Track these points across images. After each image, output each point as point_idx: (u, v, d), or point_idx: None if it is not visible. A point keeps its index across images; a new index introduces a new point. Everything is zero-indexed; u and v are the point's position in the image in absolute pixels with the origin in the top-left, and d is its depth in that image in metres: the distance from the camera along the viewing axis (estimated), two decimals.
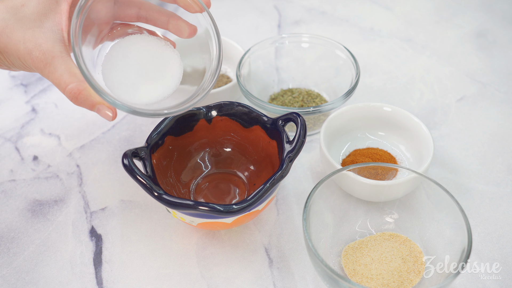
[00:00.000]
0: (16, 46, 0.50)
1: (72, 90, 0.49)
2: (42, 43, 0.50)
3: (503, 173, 0.68)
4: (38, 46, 0.50)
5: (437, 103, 0.78)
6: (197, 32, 0.57)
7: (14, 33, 0.50)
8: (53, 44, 0.50)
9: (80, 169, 0.69)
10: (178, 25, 0.56)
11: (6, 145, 0.72)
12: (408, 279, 0.54)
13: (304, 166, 0.69)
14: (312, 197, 0.54)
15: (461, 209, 0.52)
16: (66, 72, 0.49)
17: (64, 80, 0.49)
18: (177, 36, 0.57)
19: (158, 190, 0.52)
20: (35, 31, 0.50)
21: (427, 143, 0.63)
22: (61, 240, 0.61)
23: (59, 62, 0.50)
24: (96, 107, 0.50)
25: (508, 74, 0.83)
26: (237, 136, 0.64)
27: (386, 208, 0.60)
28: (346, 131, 0.69)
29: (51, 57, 0.50)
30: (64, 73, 0.49)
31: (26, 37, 0.50)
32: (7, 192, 0.66)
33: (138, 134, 0.73)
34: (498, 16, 0.95)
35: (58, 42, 0.50)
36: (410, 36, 0.91)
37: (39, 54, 0.50)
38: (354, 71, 0.71)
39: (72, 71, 0.50)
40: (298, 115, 0.58)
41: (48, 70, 0.50)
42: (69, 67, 0.50)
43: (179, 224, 0.62)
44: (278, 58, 0.80)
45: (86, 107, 0.50)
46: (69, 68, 0.50)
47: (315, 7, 0.98)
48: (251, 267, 0.58)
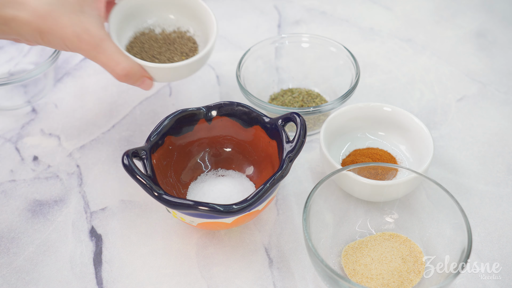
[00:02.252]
0: (64, 30, 0.54)
1: (125, 68, 0.57)
2: (90, 27, 0.55)
3: (503, 173, 0.68)
4: (86, 30, 0.55)
5: (437, 103, 0.78)
6: None
7: (61, 17, 0.54)
8: (99, 29, 0.56)
9: (80, 169, 0.69)
10: None
11: (6, 145, 0.72)
12: (408, 279, 0.54)
13: (304, 166, 0.69)
14: (312, 197, 0.54)
15: (461, 209, 0.52)
16: (116, 52, 0.56)
17: (115, 59, 0.56)
18: None
19: (158, 190, 0.52)
20: (79, 15, 0.55)
21: (427, 143, 0.63)
22: (61, 240, 0.61)
23: (107, 44, 0.56)
24: (141, 80, 0.59)
25: (508, 74, 0.83)
26: (237, 136, 0.64)
27: (386, 208, 0.60)
28: (346, 131, 0.69)
29: (99, 39, 0.55)
30: (114, 53, 0.56)
31: (73, 21, 0.54)
32: (7, 192, 0.66)
33: (138, 134, 0.73)
34: (498, 16, 0.95)
35: (101, 27, 0.56)
36: (410, 36, 0.91)
37: (88, 37, 0.55)
38: (354, 71, 0.71)
39: (120, 52, 0.57)
40: (298, 115, 0.58)
41: (97, 51, 0.56)
42: (117, 48, 0.57)
43: (179, 224, 0.62)
44: (278, 58, 0.80)
45: (131, 82, 0.59)
46: (117, 49, 0.57)
47: (315, 7, 0.98)
48: (251, 267, 0.58)
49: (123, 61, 0.57)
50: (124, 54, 0.57)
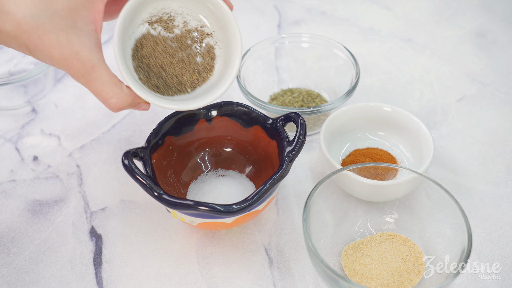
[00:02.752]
0: (50, 50, 0.47)
1: (117, 103, 0.49)
2: (79, 50, 0.47)
3: (503, 173, 0.68)
4: (75, 54, 0.47)
5: (437, 103, 0.78)
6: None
7: (47, 35, 0.46)
8: (90, 52, 0.47)
9: (80, 169, 0.69)
10: None
11: (6, 145, 0.72)
12: (408, 279, 0.54)
13: (304, 166, 0.69)
14: (312, 197, 0.54)
15: (461, 209, 0.52)
16: (108, 82, 0.48)
17: (107, 91, 0.49)
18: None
19: (158, 190, 0.52)
20: (69, 33, 0.47)
21: (427, 143, 0.63)
22: (61, 240, 0.61)
23: (98, 72, 0.48)
24: (136, 106, 0.52)
25: (508, 74, 0.83)
26: (237, 136, 0.64)
27: (386, 208, 0.60)
28: (346, 131, 0.69)
29: (90, 66, 0.48)
30: (106, 84, 0.48)
31: (60, 41, 0.46)
32: (7, 192, 0.66)
33: (138, 134, 0.73)
34: (498, 16, 0.95)
35: (95, 48, 0.48)
36: (410, 36, 0.91)
37: (77, 63, 0.47)
38: (354, 71, 0.71)
39: (113, 81, 0.49)
40: (298, 115, 0.58)
41: (86, 79, 0.48)
42: (110, 76, 0.49)
43: (179, 224, 0.62)
44: (278, 58, 0.80)
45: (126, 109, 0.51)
46: (110, 77, 0.49)
47: (315, 7, 0.98)
48: (251, 267, 0.58)
49: (116, 94, 0.49)
50: (118, 84, 0.49)
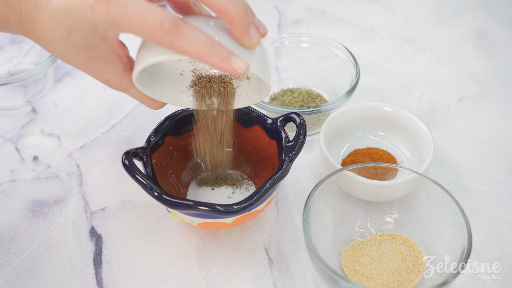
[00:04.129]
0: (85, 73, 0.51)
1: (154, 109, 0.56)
2: (109, 78, 0.51)
3: (503, 173, 0.68)
4: (107, 81, 0.51)
5: (437, 103, 0.78)
6: None
7: (78, 66, 0.50)
8: (119, 78, 0.51)
9: (80, 169, 0.69)
10: None
11: (6, 145, 0.72)
12: (408, 279, 0.54)
13: (304, 166, 0.69)
14: (312, 197, 0.54)
15: (461, 209, 0.52)
16: (140, 99, 0.54)
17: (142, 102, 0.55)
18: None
19: (158, 190, 0.52)
20: (96, 64, 0.49)
21: (427, 143, 0.63)
22: (61, 240, 0.61)
23: (130, 92, 0.53)
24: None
25: (508, 74, 0.83)
26: (237, 136, 0.64)
27: (386, 208, 0.60)
28: (346, 131, 0.69)
29: (122, 89, 0.52)
30: (139, 99, 0.54)
31: (91, 71, 0.50)
32: (7, 192, 0.66)
33: (138, 134, 0.73)
34: (498, 16, 0.95)
35: (123, 73, 0.51)
36: (410, 36, 0.91)
37: (111, 87, 0.52)
38: (354, 71, 0.71)
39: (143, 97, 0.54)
40: (298, 115, 0.58)
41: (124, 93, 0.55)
42: (139, 94, 0.53)
43: (179, 224, 0.62)
44: (278, 58, 0.80)
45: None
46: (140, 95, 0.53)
47: (315, 7, 0.98)
48: (251, 267, 0.58)
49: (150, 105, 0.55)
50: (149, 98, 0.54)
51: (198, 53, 0.43)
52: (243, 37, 0.46)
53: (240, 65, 0.44)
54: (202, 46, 0.43)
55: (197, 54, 0.44)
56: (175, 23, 0.43)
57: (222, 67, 0.44)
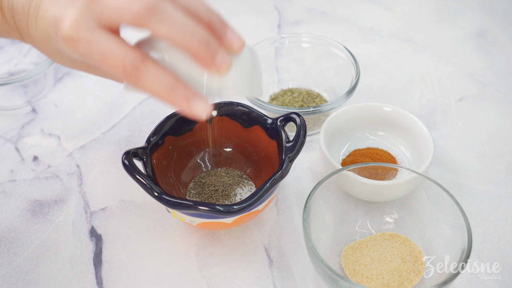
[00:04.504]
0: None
1: None
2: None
3: (503, 173, 0.68)
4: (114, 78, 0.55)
5: (437, 103, 0.78)
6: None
7: (82, 71, 0.55)
8: None
9: (80, 169, 0.69)
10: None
11: (6, 145, 0.72)
12: (408, 279, 0.54)
13: (304, 166, 0.69)
14: (312, 197, 0.54)
15: (461, 209, 0.52)
16: None
17: None
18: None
19: (158, 190, 0.52)
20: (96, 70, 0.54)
21: (427, 143, 0.63)
22: (61, 240, 0.61)
23: None
24: None
25: (508, 74, 0.83)
26: (237, 136, 0.64)
27: (386, 208, 0.60)
28: (346, 131, 0.69)
29: None
30: None
31: (94, 73, 0.55)
32: (7, 192, 0.66)
33: (138, 134, 0.73)
34: (498, 16, 0.95)
35: None
36: (410, 36, 0.91)
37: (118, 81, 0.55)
38: (354, 71, 0.71)
39: None
40: (298, 115, 0.58)
41: None
42: None
43: (179, 224, 0.62)
44: (278, 58, 0.80)
45: None
46: None
47: (315, 7, 0.98)
48: (251, 267, 0.58)
49: None
50: None
51: (159, 97, 0.43)
52: (209, 67, 0.44)
53: (201, 109, 0.43)
54: (162, 90, 0.43)
55: (159, 97, 0.44)
56: (135, 66, 0.42)
57: (183, 112, 0.44)
